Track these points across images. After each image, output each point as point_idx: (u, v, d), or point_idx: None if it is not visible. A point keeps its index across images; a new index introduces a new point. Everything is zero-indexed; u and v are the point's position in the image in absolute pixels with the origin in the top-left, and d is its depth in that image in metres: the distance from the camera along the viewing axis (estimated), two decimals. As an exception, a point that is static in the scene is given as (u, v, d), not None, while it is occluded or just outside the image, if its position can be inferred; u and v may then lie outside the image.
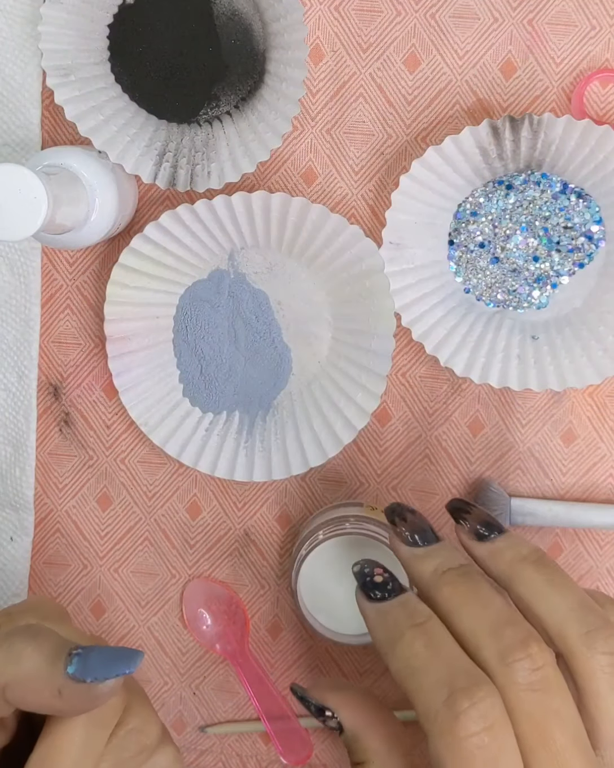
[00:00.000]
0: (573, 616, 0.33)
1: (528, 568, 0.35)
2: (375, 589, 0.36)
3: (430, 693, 0.32)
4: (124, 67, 0.53)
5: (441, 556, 0.36)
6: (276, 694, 0.58)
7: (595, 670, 0.32)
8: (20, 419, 0.58)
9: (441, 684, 0.32)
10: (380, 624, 0.35)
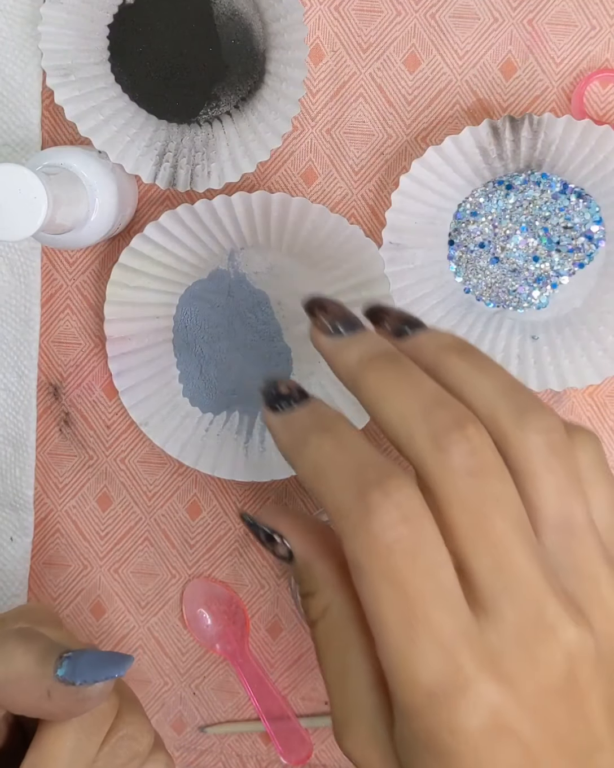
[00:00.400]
0: (502, 397, 0.31)
1: (453, 356, 0.32)
2: (281, 400, 0.33)
3: (339, 492, 0.29)
4: (124, 67, 0.53)
5: (367, 343, 0.33)
6: (276, 694, 0.58)
7: (531, 450, 0.30)
8: (20, 419, 0.58)
9: (351, 481, 0.29)
10: (286, 433, 0.32)
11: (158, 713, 0.60)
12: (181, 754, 0.61)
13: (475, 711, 0.28)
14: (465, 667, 0.28)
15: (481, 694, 0.28)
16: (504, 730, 0.28)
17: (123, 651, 0.60)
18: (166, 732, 0.60)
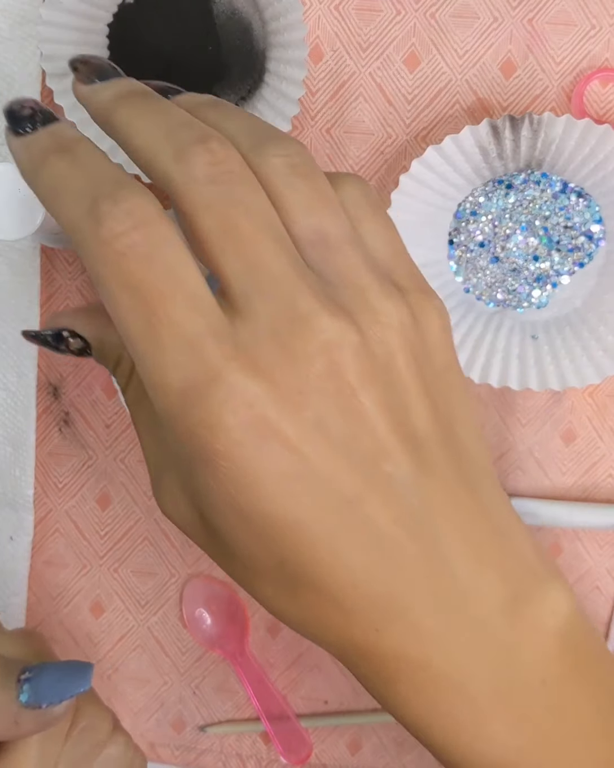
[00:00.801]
0: (247, 131, 0.30)
1: (209, 108, 0.32)
2: (23, 122, 0.31)
3: (73, 207, 0.29)
4: (123, 66, 0.53)
5: (121, 85, 0.33)
6: (276, 694, 0.58)
7: (270, 171, 0.30)
8: (20, 419, 0.58)
9: (84, 195, 0.29)
10: (25, 156, 0.31)
11: (158, 713, 0.60)
12: (181, 754, 0.61)
13: (229, 404, 0.27)
14: (213, 360, 0.27)
15: (234, 385, 0.27)
16: (264, 427, 0.27)
17: (123, 651, 0.60)
18: (166, 731, 0.60)
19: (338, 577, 0.29)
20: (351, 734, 0.59)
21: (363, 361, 0.28)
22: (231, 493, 0.28)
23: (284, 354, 0.27)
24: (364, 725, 0.59)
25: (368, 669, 0.30)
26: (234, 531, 0.29)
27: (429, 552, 0.29)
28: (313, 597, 0.29)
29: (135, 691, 0.60)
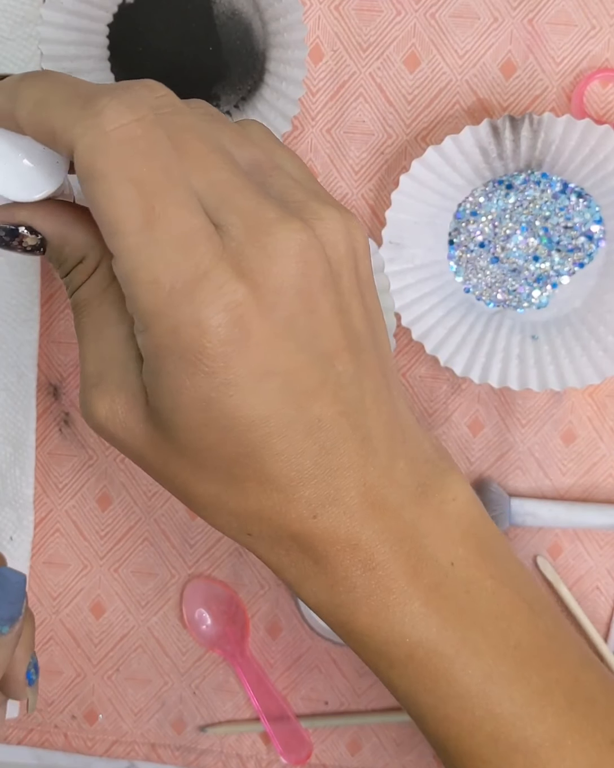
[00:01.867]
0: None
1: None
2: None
3: (66, 108, 0.29)
4: (124, 67, 0.53)
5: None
6: (276, 694, 0.58)
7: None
8: (20, 419, 0.58)
9: (77, 95, 0.29)
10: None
11: (158, 713, 0.60)
12: (181, 754, 0.61)
13: (218, 303, 0.28)
14: (204, 259, 0.28)
15: (222, 285, 0.28)
16: (246, 326, 0.29)
17: (123, 651, 0.60)
18: (167, 732, 0.60)
19: (288, 466, 0.31)
20: (351, 735, 0.59)
21: (325, 264, 0.31)
22: (204, 391, 0.29)
23: (264, 256, 0.29)
24: (364, 726, 0.59)
25: (298, 555, 0.32)
26: (195, 429, 0.30)
27: (364, 443, 0.32)
28: (258, 488, 0.31)
29: (135, 692, 0.60)
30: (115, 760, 0.61)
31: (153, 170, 0.28)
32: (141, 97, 0.29)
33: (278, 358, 0.29)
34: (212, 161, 0.30)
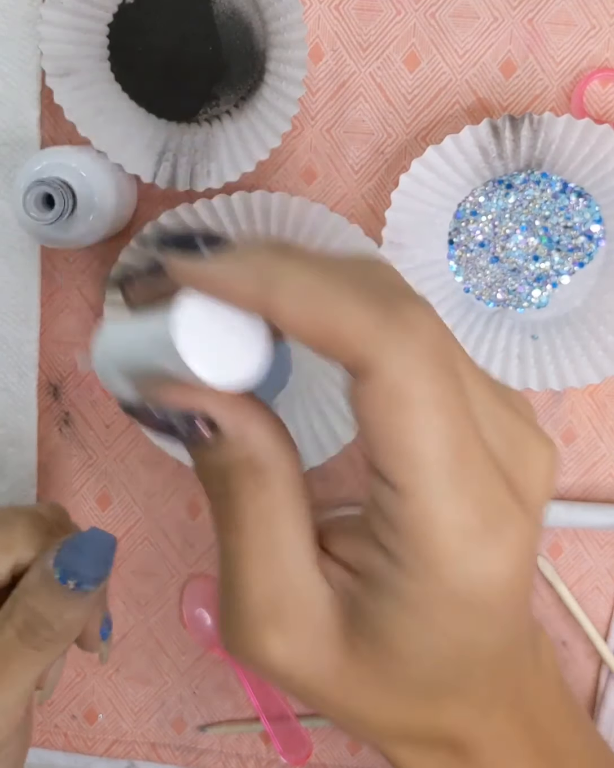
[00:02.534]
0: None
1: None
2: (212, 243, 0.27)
3: (359, 310, 0.24)
4: (123, 66, 0.53)
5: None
6: (276, 693, 0.58)
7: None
8: (21, 418, 0.58)
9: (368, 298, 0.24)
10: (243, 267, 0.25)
11: (158, 712, 0.60)
12: (181, 754, 0.61)
13: (518, 551, 0.25)
14: (506, 499, 0.25)
15: (523, 531, 0.25)
16: (528, 575, 0.26)
17: (123, 651, 0.60)
18: (167, 731, 0.60)
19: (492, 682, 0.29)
20: (351, 734, 0.59)
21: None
22: (469, 634, 0.26)
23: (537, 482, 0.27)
24: (364, 725, 0.59)
25: (447, 756, 0.30)
26: (417, 662, 0.27)
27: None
28: (454, 705, 0.28)
29: (136, 692, 0.60)
30: (115, 759, 0.61)
31: (456, 397, 0.25)
32: (432, 314, 0.25)
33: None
34: (482, 389, 0.27)
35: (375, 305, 0.24)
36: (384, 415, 0.24)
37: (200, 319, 0.26)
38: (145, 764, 0.61)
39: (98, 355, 0.30)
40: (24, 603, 0.36)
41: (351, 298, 0.24)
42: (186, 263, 0.26)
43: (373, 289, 0.25)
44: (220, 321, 0.26)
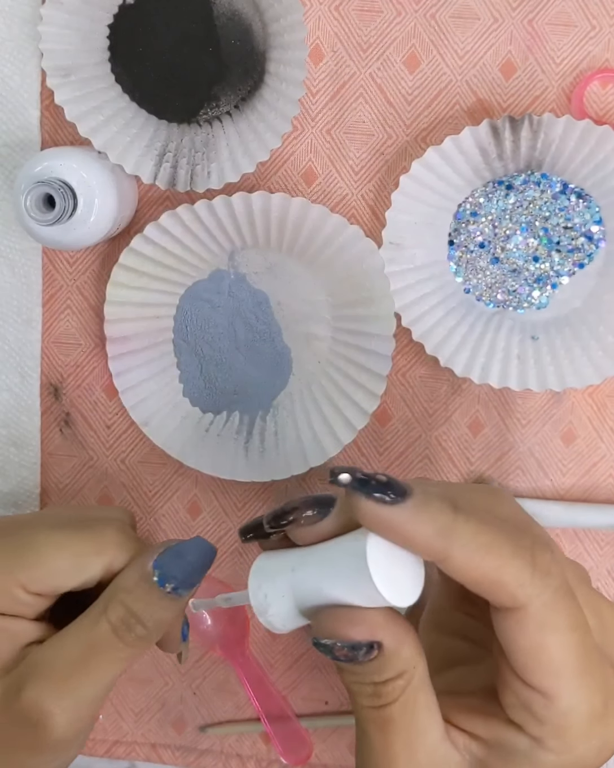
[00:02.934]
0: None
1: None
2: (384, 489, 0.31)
3: (516, 563, 0.31)
4: (124, 67, 0.53)
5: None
6: (276, 694, 0.58)
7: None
8: (24, 419, 0.58)
9: (520, 551, 0.32)
10: (425, 519, 0.31)
11: (159, 713, 0.60)
12: (181, 754, 0.61)
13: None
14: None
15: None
16: None
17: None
18: (167, 732, 0.60)
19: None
20: (351, 734, 0.59)
21: None
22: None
23: None
24: (365, 726, 0.59)
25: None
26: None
27: None
28: None
29: (136, 692, 0.60)
30: (115, 760, 0.61)
31: (581, 615, 0.33)
32: (557, 558, 0.33)
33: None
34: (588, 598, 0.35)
35: (527, 558, 0.31)
36: (534, 638, 0.31)
37: (383, 553, 0.32)
38: (146, 765, 0.61)
39: (260, 588, 0.35)
40: (121, 600, 0.38)
41: (510, 554, 0.31)
42: (374, 507, 0.31)
43: (520, 539, 0.32)
44: (394, 554, 0.32)
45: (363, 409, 0.54)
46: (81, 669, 0.38)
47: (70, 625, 0.39)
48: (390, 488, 0.31)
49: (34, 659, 0.38)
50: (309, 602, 0.33)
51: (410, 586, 0.32)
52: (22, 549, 0.40)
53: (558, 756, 0.33)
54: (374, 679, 0.33)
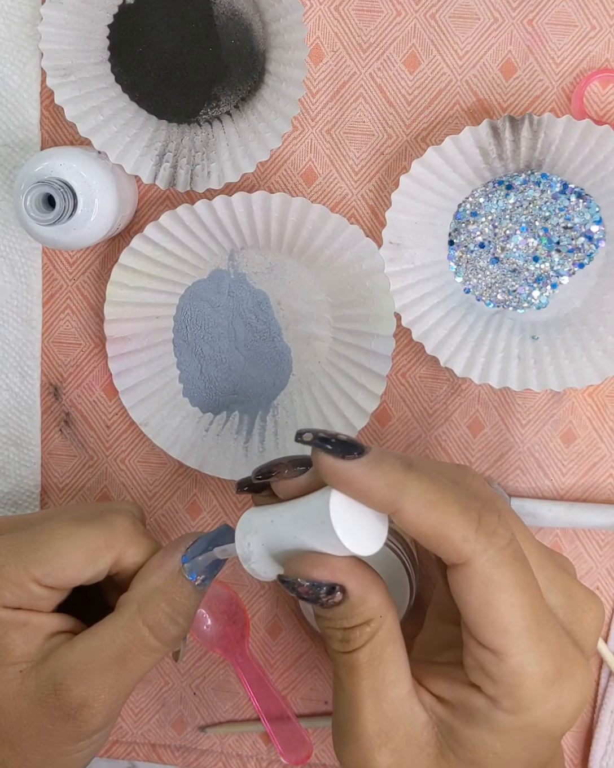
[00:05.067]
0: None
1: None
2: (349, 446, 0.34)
3: (462, 519, 0.33)
4: (124, 67, 0.53)
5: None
6: (276, 694, 0.58)
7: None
8: (24, 419, 0.58)
9: (467, 510, 0.34)
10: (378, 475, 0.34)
11: (159, 713, 0.60)
12: (181, 754, 0.61)
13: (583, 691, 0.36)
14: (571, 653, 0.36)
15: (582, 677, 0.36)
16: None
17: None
18: (167, 732, 0.60)
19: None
20: (351, 735, 0.59)
21: None
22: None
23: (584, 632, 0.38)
24: (364, 726, 0.59)
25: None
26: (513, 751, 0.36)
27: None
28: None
29: (136, 692, 0.60)
30: (115, 760, 0.61)
31: (530, 577, 0.35)
32: (507, 522, 0.35)
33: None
34: (541, 560, 0.37)
35: (473, 516, 0.34)
36: (480, 595, 0.34)
37: (344, 506, 0.35)
38: (146, 765, 0.61)
39: (244, 538, 0.38)
40: (156, 601, 0.40)
41: (457, 511, 0.33)
42: (332, 462, 0.34)
43: (469, 500, 0.34)
44: (355, 508, 0.35)
45: (363, 409, 0.54)
46: (119, 667, 0.40)
47: (103, 623, 0.41)
48: (349, 446, 0.34)
49: (68, 657, 0.40)
50: (284, 549, 0.36)
51: (372, 538, 0.35)
52: (34, 544, 0.41)
53: (512, 715, 0.35)
54: (343, 624, 0.36)
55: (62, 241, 0.50)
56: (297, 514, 0.36)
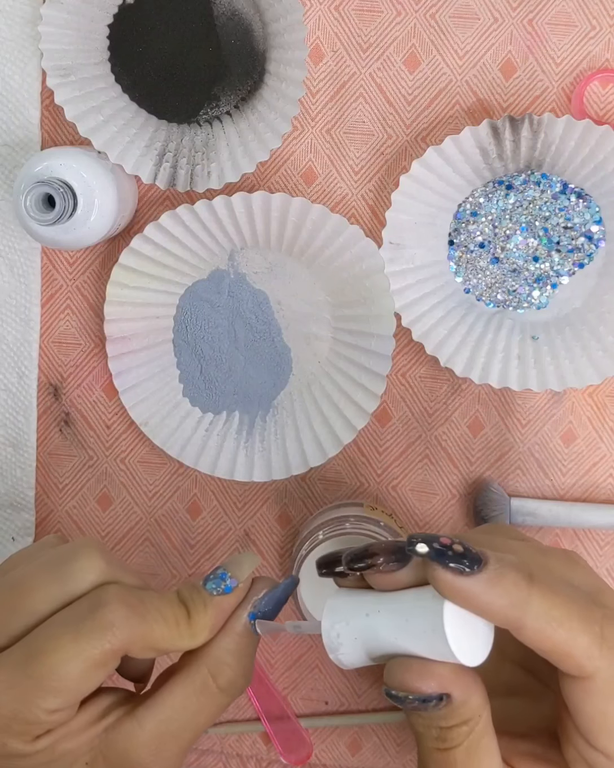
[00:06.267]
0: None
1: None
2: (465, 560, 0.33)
3: (586, 637, 0.32)
4: (124, 67, 0.53)
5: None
6: (276, 694, 0.58)
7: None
8: (21, 419, 0.58)
9: (590, 625, 0.32)
10: (500, 593, 0.32)
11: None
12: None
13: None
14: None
15: None
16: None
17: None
18: (167, 732, 0.60)
19: None
20: (351, 734, 0.59)
21: None
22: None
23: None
24: (364, 725, 0.59)
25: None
26: None
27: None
28: None
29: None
30: (115, 760, 0.61)
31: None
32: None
33: None
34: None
35: (596, 631, 0.32)
36: (599, 706, 0.33)
37: (458, 617, 0.33)
38: (146, 764, 0.61)
39: (332, 627, 0.36)
40: (229, 664, 0.39)
41: (581, 627, 0.32)
42: (450, 578, 0.32)
43: (591, 612, 0.33)
44: (467, 617, 0.33)
45: (363, 409, 0.54)
46: (192, 734, 0.39)
47: (171, 691, 0.39)
48: (466, 558, 0.32)
49: (138, 735, 0.39)
50: (380, 648, 0.35)
51: (479, 646, 0.34)
52: (33, 680, 0.37)
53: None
54: (441, 725, 0.35)
55: (62, 241, 0.50)
56: (399, 615, 0.34)
